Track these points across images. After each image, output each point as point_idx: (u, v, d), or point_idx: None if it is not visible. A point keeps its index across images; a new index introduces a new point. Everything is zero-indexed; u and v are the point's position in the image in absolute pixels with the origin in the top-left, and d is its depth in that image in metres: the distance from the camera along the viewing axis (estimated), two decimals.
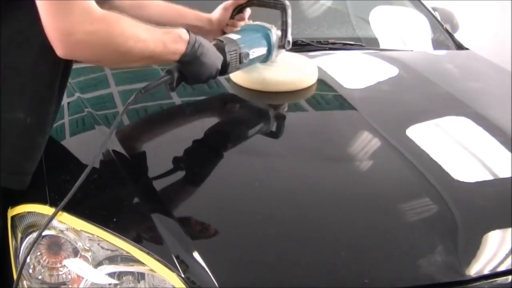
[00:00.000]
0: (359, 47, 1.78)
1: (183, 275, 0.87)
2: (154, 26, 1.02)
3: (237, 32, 1.30)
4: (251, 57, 1.26)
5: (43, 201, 0.98)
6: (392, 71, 1.69)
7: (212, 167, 1.15)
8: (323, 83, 1.50)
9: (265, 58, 1.35)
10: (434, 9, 2.19)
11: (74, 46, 0.89)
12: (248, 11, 1.40)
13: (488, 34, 3.38)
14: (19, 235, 0.97)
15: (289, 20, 1.32)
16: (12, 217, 1.00)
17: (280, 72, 1.38)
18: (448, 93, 1.51)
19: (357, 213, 1.02)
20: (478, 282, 0.92)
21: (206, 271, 0.87)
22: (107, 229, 0.93)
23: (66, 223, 0.95)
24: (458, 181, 1.12)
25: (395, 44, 1.95)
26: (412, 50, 1.90)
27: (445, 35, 2.02)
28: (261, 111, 1.41)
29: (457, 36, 2.06)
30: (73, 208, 0.96)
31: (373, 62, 1.73)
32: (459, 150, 1.25)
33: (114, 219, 0.96)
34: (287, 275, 0.90)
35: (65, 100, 1.32)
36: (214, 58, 1.15)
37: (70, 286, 0.91)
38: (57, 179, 1.05)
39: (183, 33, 1.07)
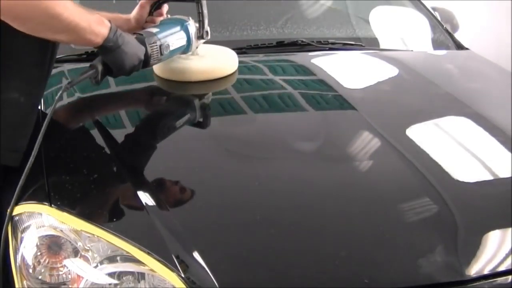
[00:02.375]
0: (359, 47, 1.78)
1: (183, 275, 0.87)
2: None
3: (155, 26, 1.34)
4: (171, 48, 1.30)
5: (43, 201, 0.98)
6: (392, 71, 1.69)
7: (212, 167, 1.15)
8: (323, 83, 1.50)
9: (186, 49, 1.39)
10: (434, 9, 2.19)
11: None
12: (165, 7, 1.42)
13: (488, 34, 3.38)
14: (19, 235, 0.97)
15: (205, 11, 1.37)
16: (12, 217, 1.00)
17: (201, 62, 1.43)
18: (448, 93, 1.51)
19: (357, 213, 1.02)
20: (478, 282, 0.92)
21: (206, 271, 0.87)
22: (107, 229, 0.93)
23: (66, 223, 0.95)
24: (458, 181, 1.12)
25: (395, 44, 1.95)
26: (412, 50, 1.90)
27: (445, 35, 2.02)
28: (185, 101, 1.46)
29: (457, 36, 2.06)
30: (73, 208, 0.96)
31: (373, 62, 1.73)
32: (459, 150, 1.25)
33: (114, 219, 0.96)
34: (287, 275, 0.90)
35: (65, 100, 1.32)
36: (135, 49, 1.18)
37: (70, 286, 0.91)
38: (57, 179, 1.05)
39: (105, 19, 1.12)
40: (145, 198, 1.01)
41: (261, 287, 0.88)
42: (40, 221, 0.97)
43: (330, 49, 1.71)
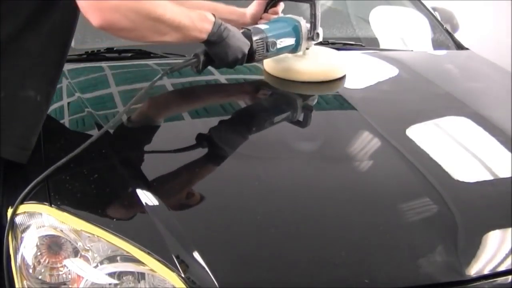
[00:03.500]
0: (359, 47, 1.78)
1: (183, 275, 0.87)
2: None
3: (267, 23, 1.38)
4: (278, 46, 1.33)
5: (43, 201, 0.98)
6: (392, 71, 1.70)
7: (212, 168, 1.15)
8: (323, 83, 1.50)
9: (294, 49, 1.41)
10: (434, 9, 2.19)
11: (108, 12, 0.97)
12: (281, 5, 1.46)
13: (488, 34, 3.38)
14: (19, 235, 0.97)
15: (318, 13, 1.39)
16: (12, 217, 0.99)
17: (308, 63, 1.44)
18: (448, 93, 1.51)
19: (357, 213, 1.02)
20: (478, 282, 0.92)
21: (206, 271, 0.87)
22: (107, 229, 0.93)
23: (66, 223, 0.95)
24: (458, 181, 1.12)
25: (395, 44, 1.95)
26: (412, 50, 1.90)
27: (445, 35, 2.02)
28: (286, 100, 1.47)
29: (457, 36, 2.06)
30: (73, 208, 0.96)
31: (373, 62, 1.73)
32: (459, 150, 1.25)
33: (114, 219, 0.96)
34: (287, 275, 0.90)
35: (65, 100, 1.32)
36: (240, 42, 1.22)
37: (70, 286, 0.91)
38: (57, 179, 1.05)
39: (208, 14, 1.14)
40: (145, 198, 1.01)
41: (261, 287, 0.88)
42: (40, 221, 0.97)
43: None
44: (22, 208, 0.99)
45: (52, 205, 0.97)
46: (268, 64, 1.47)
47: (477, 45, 2.06)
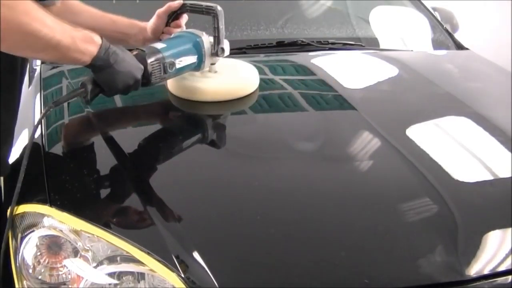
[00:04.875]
0: (359, 47, 1.78)
1: (183, 275, 0.87)
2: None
3: (164, 41, 1.26)
4: (178, 66, 1.22)
5: (43, 201, 0.98)
6: (392, 71, 1.70)
7: (213, 168, 1.15)
8: (323, 83, 1.50)
9: (197, 67, 1.29)
10: (434, 9, 2.19)
11: None
12: (185, 18, 1.34)
13: (488, 34, 3.38)
14: (19, 235, 0.97)
15: (221, 26, 1.27)
16: (12, 217, 0.99)
17: (214, 81, 1.32)
18: (448, 93, 1.51)
19: (357, 213, 1.02)
20: (478, 282, 0.92)
21: (206, 271, 0.87)
22: (107, 229, 0.93)
23: (66, 223, 0.95)
24: (458, 181, 1.12)
25: (395, 44, 1.95)
26: (412, 50, 1.90)
27: (445, 35, 2.02)
28: (195, 121, 1.36)
29: (457, 36, 2.06)
30: (73, 208, 0.96)
31: (373, 62, 1.73)
32: (459, 150, 1.25)
33: (114, 219, 0.96)
34: (287, 275, 0.90)
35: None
36: (131, 67, 1.11)
37: (70, 286, 0.91)
38: (57, 179, 1.05)
39: (95, 36, 1.05)
40: (145, 198, 1.01)
41: (261, 287, 0.88)
42: (40, 221, 0.97)
43: (330, 49, 1.71)
44: (22, 208, 0.99)
45: (52, 205, 0.97)
46: (171, 84, 1.34)
47: (477, 45, 2.06)
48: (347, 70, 1.64)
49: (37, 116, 1.26)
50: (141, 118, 1.34)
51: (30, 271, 0.93)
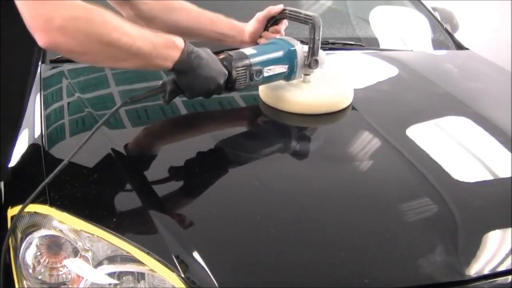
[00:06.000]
0: (359, 47, 1.78)
1: (183, 275, 0.87)
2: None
3: (256, 47, 1.24)
4: (266, 74, 1.19)
5: (43, 201, 0.98)
6: (392, 71, 1.70)
7: (213, 168, 1.15)
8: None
9: (288, 77, 1.26)
10: (434, 9, 2.19)
11: (55, 32, 0.88)
12: (285, 23, 1.33)
13: (488, 34, 3.38)
14: (19, 235, 0.97)
15: (318, 37, 1.24)
16: (12, 217, 1.00)
17: (304, 93, 1.28)
18: (448, 93, 1.51)
19: (357, 213, 1.02)
20: (478, 282, 0.92)
21: (206, 271, 0.87)
22: (107, 229, 0.93)
23: (66, 223, 0.95)
24: (458, 181, 1.12)
25: (395, 44, 1.95)
26: (412, 50, 1.90)
27: (445, 35, 2.02)
28: (277, 130, 1.32)
29: (457, 36, 2.06)
30: (73, 208, 0.96)
31: (373, 62, 1.73)
32: (459, 150, 1.25)
33: (114, 219, 0.96)
34: (287, 275, 0.90)
35: (65, 100, 1.32)
36: (213, 72, 1.09)
37: (70, 286, 0.91)
38: (57, 179, 1.05)
39: (178, 40, 1.03)
40: (145, 198, 1.01)
41: (261, 287, 0.88)
42: (40, 221, 0.97)
43: (330, 49, 1.71)
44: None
45: (52, 205, 0.97)
46: (263, 91, 1.32)
47: (477, 45, 2.06)
48: (347, 70, 1.64)
49: (37, 116, 1.26)
50: (146, 117, 1.34)
51: (30, 271, 0.93)
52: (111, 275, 0.90)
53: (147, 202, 1.00)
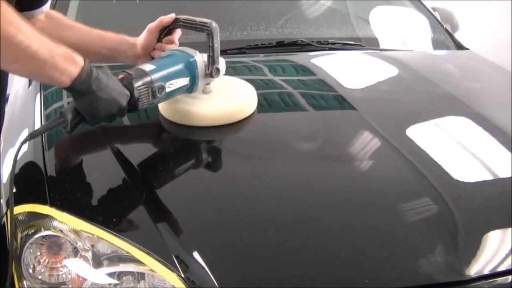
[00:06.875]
0: (359, 47, 1.78)
1: (183, 275, 0.87)
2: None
3: (153, 61, 1.16)
4: (168, 90, 1.12)
5: (43, 201, 0.98)
6: (392, 71, 1.70)
7: (212, 168, 1.15)
8: (323, 83, 1.50)
9: (189, 89, 1.19)
10: (434, 9, 2.19)
11: None
12: (178, 33, 1.25)
13: (488, 34, 3.38)
14: (19, 235, 0.97)
15: (216, 44, 1.17)
16: (12, 217, 0.99)
17: (207, 104, 1.22)
18: (448, 93, 1.51)
19: (357, 213, 1.02)
20: (478, 282, 0.92)
21: (206, 271, 0.87)
22: (107, 229, 0.93)
23: (66, 223, 0.95)
24: (458, 181, 1.12)
25: (395, 44, 1.95)
26: (412, 50, 1.90)
27: (445, 35, 2.02)
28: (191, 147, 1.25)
29: (457, 36, 2.06)
30: (73, 208, 0.96)
31: (373, 62, 1.73)
32: (459, 150, 1.25)
33: (114, 219, 0.96)
34: (287, 275, 0.90)
35: (65, 100, 1.32)
36: (115, 94, 1.01)
37: (70, 286, 0.91)
38: (57, 179, 1.05)
39: (77, 57, 0.95)
40: (145, 198, 1.01)
41: (261, 287, 0.88)
42: (40, 221, 0.97)
43: (330, 49, 1.71)
44: (22, 208, 0.99)
45: (52, 205, 0.97)
46: (163, 107, 1.24)
47: (477, 45, 2.06)
48: (347, 70, 1.64)
49: (37, 116, 1.26)
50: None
51: (30, 271, 0.93)
52: (111, 275, 0.90)
53: (147, 202, 1.00)
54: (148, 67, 1.12)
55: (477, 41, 2.35)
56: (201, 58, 1.19)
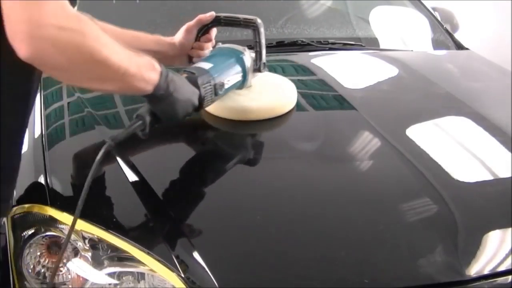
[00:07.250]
0: (359, 47, 1.78)
1: (183, 275, 0.87)
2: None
3: (207, 60, 1.16)
4: (226, 86, 1.14)
5: (43, 201, 0.98)
6: (392, 71, 1.70)
7: (212, 168, 1.15)
8: (323, 83, 1.50)
9: (241, 85, 1.22)
10: (434, 9, 2.19)
11: (41, 42, 0.73)
12: (214, 31, 1.26)
13: (488, 34, 3.38)
14: (19, 235, 0.97)
15: (263, 40, 1.20)
16: (12, 217, 1.00)
17: (256, 99, 1.24)
18: (448, 93, 1.51)
19: (357, 213, 1.02)
20: (478, 282, 0.92)
21: (206, 271, 0.87)
22: (107, 229, 0.93)
23: (66, 223, 0.95)
24: (458, 181, 1.12)
25: (395, 44, 1.95)
26: (412, 50, 1.90)
27: (445, 35, 2.02)
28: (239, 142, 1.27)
29: (457, 36, 2.06)
30: (73, 208, 0.96)
31: (373, 62, 1.73)
32: (459, 150, 1.25)
33: (114, 219, 0.96)
34: (287, 275, 0.90)
35: (65, 100, 1.32)
36: (189, 94, 1.02)
37: (70, 286, 0.91)
38: (57, 179, 1.05)
39: (155, 62, 0.94)
40: (145, 198, 1.01)
41: (261, 287, 0.88)
42: (40, 221, 0.97)
43: (330, 49, 1.71)
44: (22, 208, 0.99)
45: (52, 205, 0.97)
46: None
47: (477, 45, 2.06)
48: (347, 70, 1.64)
49: (37, 116, 1.26)
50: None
51: (30, 271, 0.93)
52: (111, 275, 0.90)
53: (147, 202, 1.00)
54: (206, 65, 1.12)
55: (477, 41, 2.35)
56: (249, 54, 1.21)
